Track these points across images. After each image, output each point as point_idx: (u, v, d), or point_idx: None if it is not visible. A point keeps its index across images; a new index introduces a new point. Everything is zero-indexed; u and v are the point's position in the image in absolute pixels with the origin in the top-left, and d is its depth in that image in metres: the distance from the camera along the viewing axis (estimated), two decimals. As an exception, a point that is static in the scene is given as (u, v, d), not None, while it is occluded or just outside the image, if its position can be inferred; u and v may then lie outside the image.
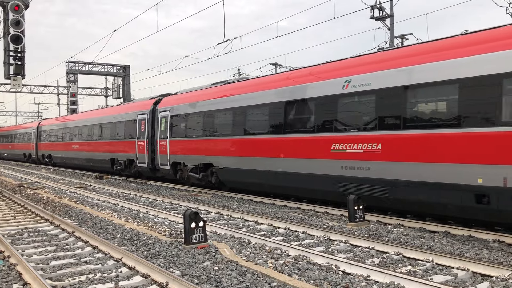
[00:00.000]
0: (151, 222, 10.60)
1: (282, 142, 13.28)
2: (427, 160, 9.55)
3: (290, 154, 12.99)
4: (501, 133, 8.33)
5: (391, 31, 24.22)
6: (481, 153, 8.59)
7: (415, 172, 9.75)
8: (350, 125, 11.29)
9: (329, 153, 11.74)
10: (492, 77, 8.54)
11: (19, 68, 17.64)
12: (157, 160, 20.08)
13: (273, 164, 13.53)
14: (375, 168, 10.63)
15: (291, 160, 12.93)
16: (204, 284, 5.89)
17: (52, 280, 6.27)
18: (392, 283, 5.92)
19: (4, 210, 13.12)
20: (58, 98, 60.73)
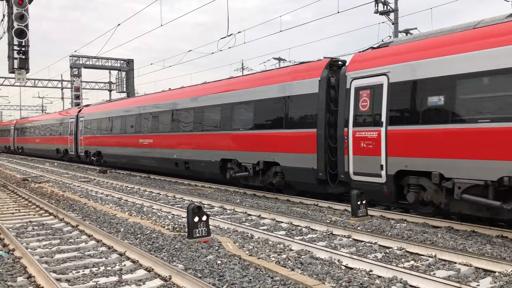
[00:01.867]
0: (154, 216, 10.64)
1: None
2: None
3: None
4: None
5: (395, 25, 24.11)
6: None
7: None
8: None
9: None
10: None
11: (23, 62, 17.64)
12: (78, 150, 30.00)
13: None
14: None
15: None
16: (207, 278, 5.91)
17: (56, 273, 6.32)
18: (394, 278, 5.93)
19: (9, 203, 13.19)
20: (62, 92, 60.89)
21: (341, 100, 11.51)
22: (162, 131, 19.81)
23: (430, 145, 9.27)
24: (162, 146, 19.83)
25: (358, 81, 10.99)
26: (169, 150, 19.27)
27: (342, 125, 11.37)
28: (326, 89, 12.15)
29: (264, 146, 13.97)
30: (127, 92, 46.16)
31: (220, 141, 16.01)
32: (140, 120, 21.95)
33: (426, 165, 9.37)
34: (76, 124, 30.31)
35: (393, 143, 10.09)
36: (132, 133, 22.73)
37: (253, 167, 14.45)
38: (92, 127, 27.96)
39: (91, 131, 27.76)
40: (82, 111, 30.08)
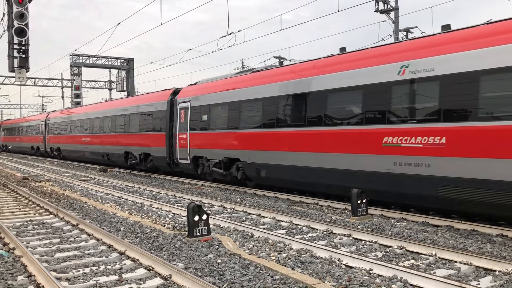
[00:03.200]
0: (154, 215, 10.64)
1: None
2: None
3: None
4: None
5: (395, 24, 24.09)
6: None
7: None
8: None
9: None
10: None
11: (23, 61, 17.65)
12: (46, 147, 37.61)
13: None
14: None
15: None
16: (207, 277, 5.92)
17: (57, 272, 6.32)
18: (395, 276, 5.93)
19: (9, 202, 13.20)
20: (62, 91, 60.95)
21: (174, 115, 19.47)
22: (94, 132, 28.41)
23: (203, 142, 17.33)
24: (94, 143, 28.27)
25: (181, 104, 18.87)
26: (98, 146, 27.81)
27: (174, 129, 19.24)
28: (170, 107, 20.01)
29: (145, 143, 21.95)
30: (127, 91, 46.15)
31: (125, 140, 24.07)
32: (82, 124, 30.36)
33: (202, 152, 17.35)
34: (45, 126, 38.16)
35: (192, 140, 17.95)
36: (77, 133, 31.36)
37: (139, 156, 22.43)
38: (54, 128, 36.43)
39: (54, 132, 35.88)
40: (49, 116, 38.25)
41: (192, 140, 17.79)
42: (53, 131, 35.87)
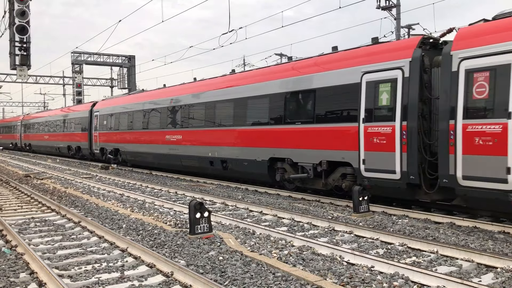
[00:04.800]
0: (156, 212, 10.66)
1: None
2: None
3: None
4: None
5: (397, 21, 24.03)
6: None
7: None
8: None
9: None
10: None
11: (25, 59, 17.65)
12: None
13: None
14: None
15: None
16: (209, 274, 5.92)
17: (59, 269, 6.33)
18: (396, 273, 5.93)
19: (11, 200, 13.23)
20: (64, 88, 60.96)
21: (92, 120, 28.11)
22: (50, 132, 37.32)
23: (105, 138, 25.56)
24: (51, 140, 36.60)
25: (95, 113, 27.48)
26: (53, 142, 36.38)
27: (93, 130, 27.59)
28: (90, 115, 28.77)
29: (77, 139, 30.45)
30: (129, 89, 46.15)
31: (67, 137, 32.60)
32: (43, 126, 38.16)
33: (104, 145, 25.84)
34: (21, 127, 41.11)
35: (100, 137, 27.03)
36: (40, 133, 39.66)
37: (75, 148, 29.89)
38: (27, 128, 43.51)
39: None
40: (23, 118, 44.19)
41: (100, 137, 26.71)
42: (26, 131, 45.30)
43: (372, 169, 10.70)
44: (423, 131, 9.91)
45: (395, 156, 10.15)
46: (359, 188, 9.90)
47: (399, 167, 10.07)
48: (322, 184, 12.32)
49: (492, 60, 8.48)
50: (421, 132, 9.89)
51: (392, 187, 10.39)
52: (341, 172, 11.73)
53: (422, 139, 9.90)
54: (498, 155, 8.22)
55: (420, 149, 9.86)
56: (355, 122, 11.06)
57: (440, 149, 9.33)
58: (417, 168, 9.79)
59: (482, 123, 8.56)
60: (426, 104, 9.99)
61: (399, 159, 10.07)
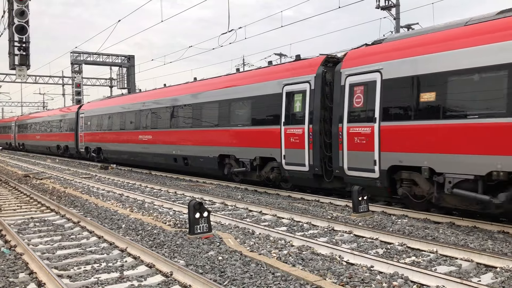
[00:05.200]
0: (155, 212, 10.65)
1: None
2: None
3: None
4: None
5: (397, 20, 24.04)
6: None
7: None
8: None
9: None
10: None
11: (24, 59, 17.62)
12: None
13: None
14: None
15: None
16: (208, 274, 5.92)
17: (58, 269, 6.33)
18: (396, 273, 5.93)
19: (11, 200, 13.22)
20: (63, 88, 60.90)
21: (79, 121, 30.50)
22: (40, 132, 39.49)
23: (88, 138, 28.73)
24: (42, 140, 39.01)
25: (80, 115, 29.71)
26: (43, 141, 38.79)
27: (79, 130, 30.27)
28: (76, 116, 31.27)
29: (66, 139, 32.97)
30: (128, 88, 46.12)
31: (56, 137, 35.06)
32: (34, 127, 41.47)
33: (88, 144, 28.88)
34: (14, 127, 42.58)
35: (84, 137, 29.43)
36: (33, 133, 41.93)
37: (63, 147, 33.12)
38: (19, 129, 45.98)
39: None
40: (18, 119, 45.94)
41: (85, 137, 29.18)
42: (20, 131, 47.94)
43: (290, 163, 13.01)
44: (325, 132, 12.18)
45: (305, 153, 12.48)
46: (359, 188, 9.91)
47: (308, 161, 12.40)
48: (257, 176, 14.57)
49: (365, 77, 10.80)
50: (322, 133, 12.18)
51: (304, 177, 12.71)
52: (271, 166, 14.03)
53: (323, 139, 12.21)
54: (369, 151, 10.58)
55: (322, 147, 12.18)
56: (279, 125, 13.33)
57: (333, 147, 11.74)
58: (319, 162, 12.15)
59: (359, 126, 10.87)
60: (327, 110, 12.23)
61: (307, 155, 12.40)
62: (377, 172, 10.41)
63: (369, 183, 10.59)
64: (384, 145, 10.23)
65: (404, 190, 10.17)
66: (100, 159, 27.42)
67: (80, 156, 31.00)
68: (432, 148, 9.26)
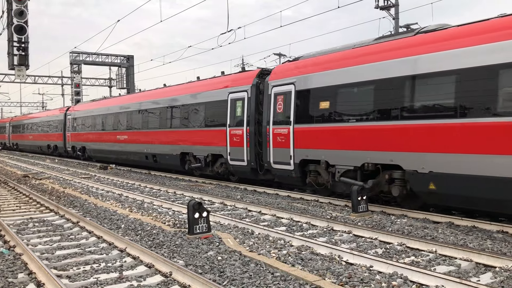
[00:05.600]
0: (155, 212, 10.65)
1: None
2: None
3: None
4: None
5: (396, 20, 24.04)
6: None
7: None
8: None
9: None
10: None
11: (23, 59, 17.60)
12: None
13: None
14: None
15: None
16: (207, 274, 5.92)
17: (57, 269, 6.32)
18: (395, 273, 5.93)
19: (10, 200, 13.21)
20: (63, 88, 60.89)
21: (66, 122, 32.64)
22: (32, 132, 41.44)
23: (75, 138, 30.47)
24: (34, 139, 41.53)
25: (68, 116, 32.08)
26: (36, 141, 40.67)
27: (67, 131, 32.45)
28: (64, 118, 33.41)
29: (54, 139, 35.55)
30: (128, 89, 46.08)
31: (47, 137, 37.38)
32: (25, 128, 43.53)
33: (76, 143, 31.02)
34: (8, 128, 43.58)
35: (71, 137, 31.22)
36: (24, 133, 44.19)
37: (53, 147, 35.53)
38: (12, 130, 48.38)
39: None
40: (12, 120, 48.24)
41: (71, 137, 31.51)
42: (14, 131, 50.56)
43: (233, 159, 15.34)
44: (258, 133, 14.47)
45: (244, 150, 14.84)
46: (358, 188, 9.92)
47: (246, 157, 14.76)
48: (209, 171, 17.05)
49: (284, 88, 13.14)
50: (257, 133, 14.53)
51: (244, 171, 15.18)
52: (220, 162, 16.41)
53: (257, 139, 14.50)
54: (286, 148, 12.96)
55: (256, 145, 14.51)
56: (225, 126, 15.70)
57: (263, 145, 14.04)
58: (255, 158, 14.51)
59: (280, 128, 13.21)
60: (260, 114, 14.45)
61: (246, 152, 14.76)
62: (292, 165, 12.87)
63: (287, 174, 13.22)
64: (296, 143, 12.69)
65: (310, 179, 12.59)
66: (85, 157, 29.67)
67: (67, 155, 33.34)
68: (327, 145, 11.73)
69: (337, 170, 11.41)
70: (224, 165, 16.10)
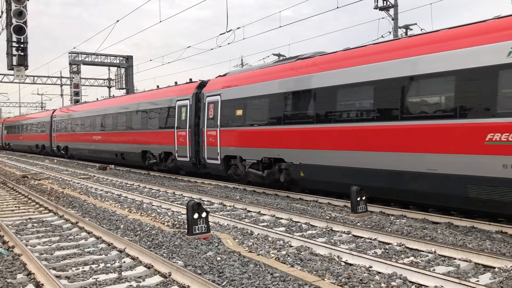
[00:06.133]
0: (154, 213, 10.64)
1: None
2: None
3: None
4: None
5: (395, 21, 24.06)
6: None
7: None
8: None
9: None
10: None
11: (22, 59, 17.59)
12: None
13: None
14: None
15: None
16: (206, 275, 5.92)
17: (56, 270, 6.32)
18: (394, 274, 5.93)
19: (8, 200, 13.19)
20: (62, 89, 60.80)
21: (52, 124, 35.91)
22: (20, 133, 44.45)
23: (60, 139, 33.89)
24: (23, 139, 44.09)
25: (53, 118, 35.69)
26: (25, 141, 43.92)
27: (52, 132, 35.97)
28: (50, 120, 36.82)
29: (41, 139, 38.21)
30: (127, 89, 46.05)
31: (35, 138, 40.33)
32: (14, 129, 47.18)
33: (60, 143, 33.90)
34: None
35: (56, 137, 34.56)
36: (15, 134, 47.93)
37: (41, 146, 38.40)
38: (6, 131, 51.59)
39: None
40: (5, 121, 51.78)
41: (56, 137, 34.77)
42: (6, 132, 53.16)
43: (180, 155, 18.49)
44: (198, 134, 17.43)
45: (187, 148, 17.97)
46: (357, 188, 9.92)
47: (188, 154, 17.90)
48: (163, 165, 20.17)
49: (214, 98, 16.41)
50: (196, 134, 17.58)
51: (187, 165, 18.35)
52: (171, 158, 19.49)
53: (196, 138, 17.60)
54: (215, 146, 16.14)
55: (195, 144, 17.62)
56: (173, 128, 18.83)
57: (200, 144, 17.16)
58: (194, 154, 17.69)
59: (211, 130, 16.38)
60: (199, 119, 17.49)
61: (188, 149, 17.90)
62: (219, 160, 15.97)
63: (216, 167, 16.43)
64: (221, 143, 15.85)
65: (231, 171, 15.68)
66: (68, 156, 33.06)
67: (53, 154, 36.47)
68: (241, 144, 14.93)
69: (247, 163, 14.61)
70: (174, 161, 19.13)
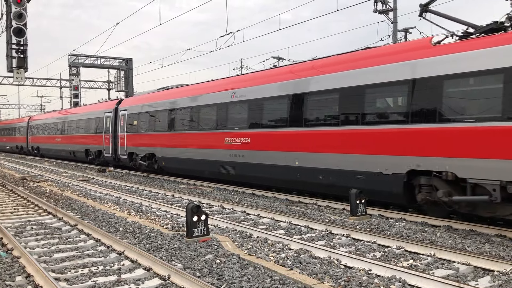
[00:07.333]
0: (153, 215, 10.63)
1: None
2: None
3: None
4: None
5: (394, 24, 24.11)
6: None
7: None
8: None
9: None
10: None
11: (21, 61, 17.60)
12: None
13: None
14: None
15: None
16: (206, 277, 5.91)
17: (55, 272, 6.31)
18: (393, 277, 5.93)
19: (7, 203, 13.18)
20: (61, 91, 60.82)
21: (29, 128, 43.22)
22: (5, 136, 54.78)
23: (36, 141, 41.13)
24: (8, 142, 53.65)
25: (30, 123, 43.37)
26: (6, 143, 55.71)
27: (28, 135, 43.51)
28: (27, 125, 43.95)
29: (20, 140, 46.34)
30: (126, 91, 46.04)
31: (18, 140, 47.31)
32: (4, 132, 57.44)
33: (36, 144, 41.21)
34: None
35: (31, 139, 42.68)
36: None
37: (20, 147, 46.41)
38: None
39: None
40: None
41: (31, 139, 41.41)
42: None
43: (106, 153, 25.16)
44: (115, 137, 23.86)
45: (109, 147, 24.59)
46: (356, 191, 9.93)
47: (110, 152, 24.49)
48: (97, 161, 26.96)
49: (123, 112, 23.44)
50: (116, 137, 23.87)
51: (110, 160, 24.88)
52: (102, 155, 25.97)
53: (115, 140, 24.03)
54: (123, 146, 23.22)
55: (114, 144, 24.08)
56: (103, 133, 25.43)
57: (117, 144, 23.81)
58: (114, 152, 24.13)
59: (122, 134, 23.31)
60: (117, 126, 23.94)
61: (110, 148, 24.46)
62: (126, 156, 22.87)
63: (124, 161, 23.26)
64: (127, 143, 22.66)
65: (132, 163, 22.52)
66: (40, 155, 39.74)
67: (30, 154, 42.11)
68: (135, 144, 21.92)
69: (138, 157, 21.59)
70: (103, 157, 25.87)
